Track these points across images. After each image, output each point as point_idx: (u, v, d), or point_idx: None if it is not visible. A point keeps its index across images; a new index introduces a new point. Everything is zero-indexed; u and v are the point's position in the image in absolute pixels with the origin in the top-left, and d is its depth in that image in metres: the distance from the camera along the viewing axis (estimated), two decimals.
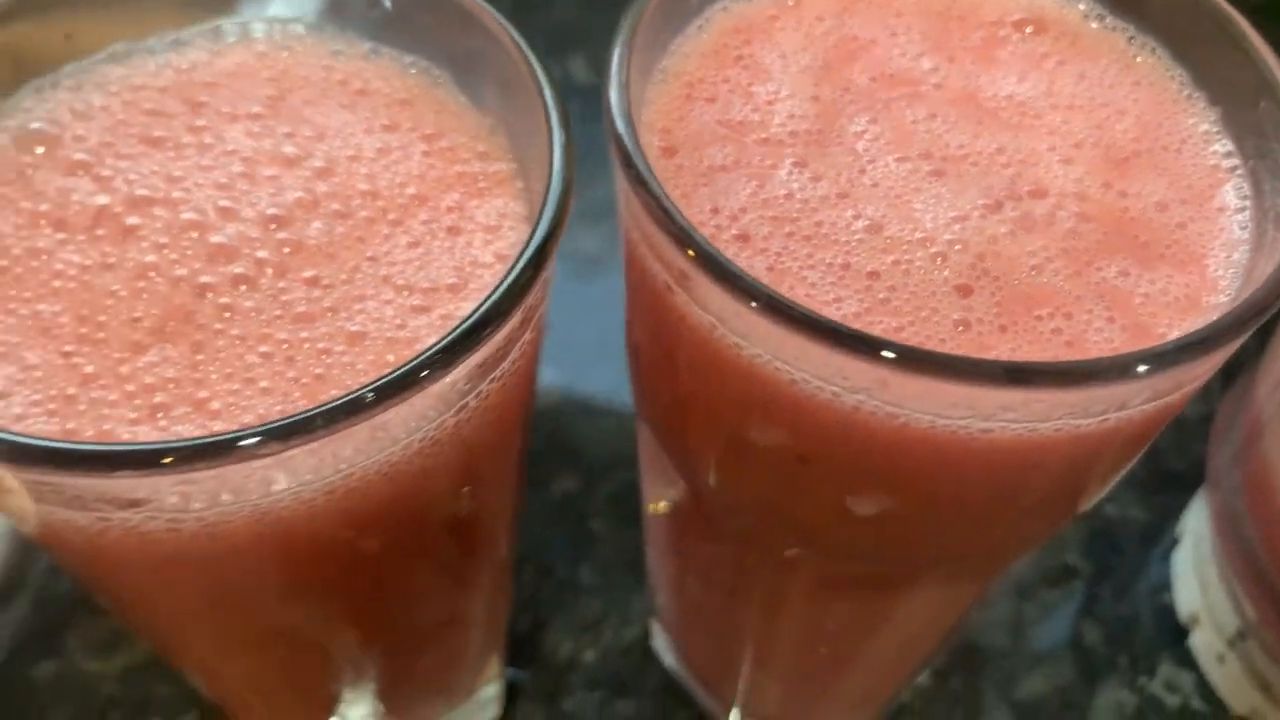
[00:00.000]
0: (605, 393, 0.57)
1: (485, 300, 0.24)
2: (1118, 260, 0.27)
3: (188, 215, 0.29)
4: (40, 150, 0.30)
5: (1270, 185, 0.28)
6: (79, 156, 0.30)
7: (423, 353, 0.23)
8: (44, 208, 0.29)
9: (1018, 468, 0.25)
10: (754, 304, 0.23)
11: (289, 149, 0.30)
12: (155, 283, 0.28)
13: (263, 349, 0.27)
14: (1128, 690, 0.49)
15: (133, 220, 0.29)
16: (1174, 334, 0.26)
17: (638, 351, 0.32)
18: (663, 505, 0.42)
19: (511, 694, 0.48)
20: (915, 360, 0.22)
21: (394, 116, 0.31)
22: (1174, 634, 0.51)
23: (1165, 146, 0.29)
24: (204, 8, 0.32)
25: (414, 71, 0.32)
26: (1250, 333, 0.24)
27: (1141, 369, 0.23)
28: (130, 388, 0.26)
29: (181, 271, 0.28)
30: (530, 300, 0.26)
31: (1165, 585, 0.52)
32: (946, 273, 0.27)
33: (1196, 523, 0.51)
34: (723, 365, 0.26)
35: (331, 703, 0.37)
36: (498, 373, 0.27)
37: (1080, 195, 0.28)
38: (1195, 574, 0.50)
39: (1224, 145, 0.29)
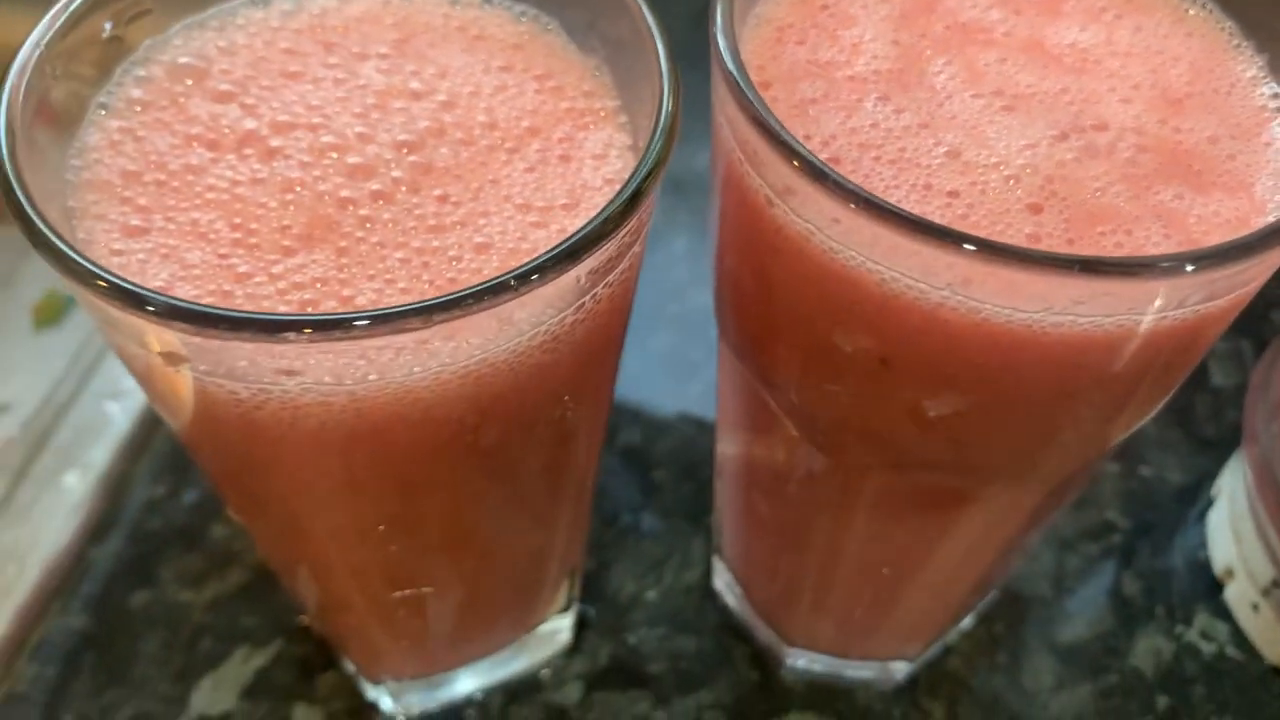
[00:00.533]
0: (666, 353, 0.60)
1: (611, 203, 0.27)
2: (1173, 186, 0.30)
3: (327, 139, 0.32)
4: (190, 82, 0.33)
5: None
6: (225, 87, 0.33)
7: (556, 246, 0.26)
8: (195, 130, 0.32)
9: (1083, 364, 0.28)
10: (853, 205, 0.26)
11: (415, 84, 0.33)
12: (301, 196, 0.31)
13: (399, 255, 0.30)
14: (1165, 638, 0.52)
15: (277, 142, 0.32)
16: None
17: (728, 275, 0.35)
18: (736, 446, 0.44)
19: (579, 627, 0.51)
20: (998, 253, 0.25)
21: (508, 59, 0.34)
22: (1210, 587, 0.53)
23: (1216, 90, 0.32)
24: None
25: (525, 20, 0.35)
26: None
27: (1190, 267, 0.26)
28: (282, 285, 0.29)
29: (324, 187, 0.31)
30: (642, 210, 0.29)
31: (1201, 542, 0.54)
32: (1019, 192, 0.29)
33: (1232, 482, 0.53)
34: (816, 272, 0.29)
35: (423, 611, 0.40)
36: (610, 278, 0.30)
37: (1138, 130, 0.31)
38: (1230, 529, 0.52)
39: (1270, 88, 0.32)
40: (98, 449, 0.55)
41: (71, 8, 0.31)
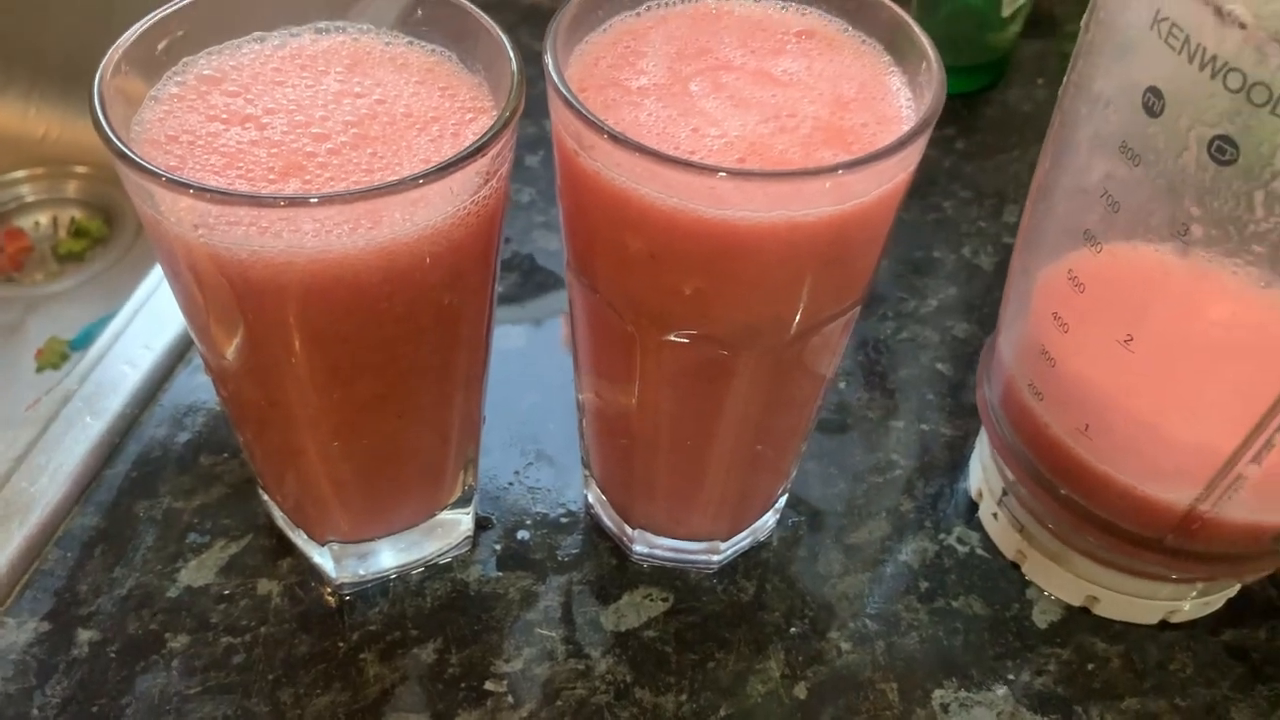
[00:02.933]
0: (558, 337, 0.77)
1: (470, 145, 0.45)
2: (832, 149, 0.47)
3: (299, 119, 0.49)
4: (210, 85, 0.51)
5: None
6: (234, 89, 0.50)
7: (433, 165, 0.44)
8: (214, 113, 0.49)
9: (763, 249, 0.45)
10: (627, 150, 0.44)
11: (358, 89, 0.51)
12: (281, 151, 0.48)
13: (343, 185, 0.47)
14: (930, 542, 0.68)
15: (267, 120, 0.49)
16: None
17: (565, 211, 0.53)
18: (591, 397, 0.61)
19: (480, 527, 0.66)
20: (686, 165, 0.43)
21: (422, 76, 0.52)
22: (968, 508, 0.70)
23: (873, 96, 0.50)
24: (314, 12, 0.53)
25: (434, 53, 0.53)
26: (869, 166, 0.44)
27: (807, 176, 0.43)
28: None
29: (296, 145, 0.48)
30: (492, 152, 0.46)
31: (964, 476, 0.71)
32: (732, 153, 0.47)
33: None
34: (605, 195, 0.46)
35: (357, 464, 0.56)
36: (475, 197, 0.47)
37: (815, 118, 0.49)
38: (980, 462, 0.69)
39: (906, 96, 0.50)
40: (113, 399, 0.71)
41: (138, 33, 0.49)
